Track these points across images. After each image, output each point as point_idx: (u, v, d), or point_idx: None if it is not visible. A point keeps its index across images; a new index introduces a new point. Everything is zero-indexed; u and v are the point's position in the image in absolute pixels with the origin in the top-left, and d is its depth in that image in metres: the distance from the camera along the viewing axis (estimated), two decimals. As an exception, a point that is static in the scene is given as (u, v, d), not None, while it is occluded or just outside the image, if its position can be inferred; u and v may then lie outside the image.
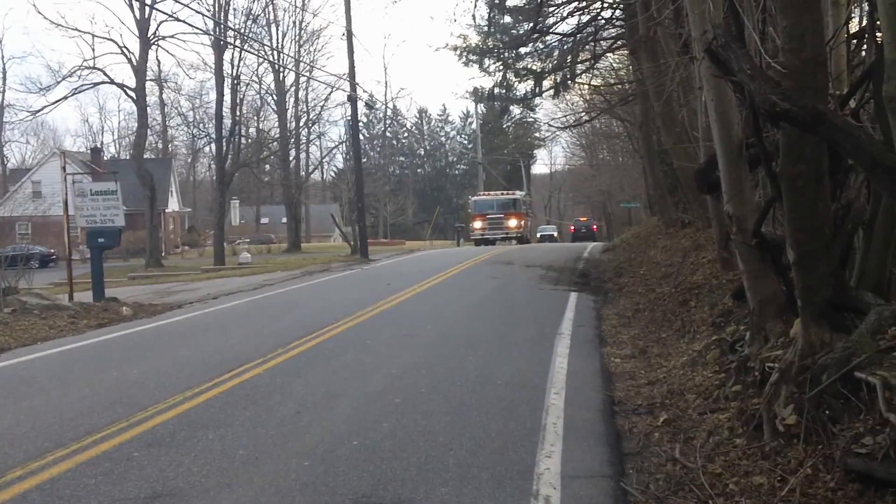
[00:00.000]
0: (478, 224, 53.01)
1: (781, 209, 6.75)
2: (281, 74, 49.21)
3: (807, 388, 5.74)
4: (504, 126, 74.82)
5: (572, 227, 73.66)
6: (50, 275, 36.49)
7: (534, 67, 28.99)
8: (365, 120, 76.60)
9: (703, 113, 12.59)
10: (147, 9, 39.20)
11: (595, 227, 72.43)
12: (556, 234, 73.62)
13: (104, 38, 48.12)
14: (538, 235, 70.93)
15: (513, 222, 52.59)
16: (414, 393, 8.52)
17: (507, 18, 28.92)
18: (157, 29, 41.42)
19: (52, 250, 50.79)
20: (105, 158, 66.66)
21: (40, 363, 11.71)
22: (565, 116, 42.33)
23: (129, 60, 42.54)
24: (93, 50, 41.34)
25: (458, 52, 30.37)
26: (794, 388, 5.93)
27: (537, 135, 69.34)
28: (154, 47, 42.37)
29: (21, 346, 13.40)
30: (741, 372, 7.40)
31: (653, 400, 7.96)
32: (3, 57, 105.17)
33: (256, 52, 44.97)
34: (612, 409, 7.80)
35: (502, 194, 56.37)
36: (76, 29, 45.72)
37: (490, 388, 8.68)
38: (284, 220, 62.27)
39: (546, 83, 29.07)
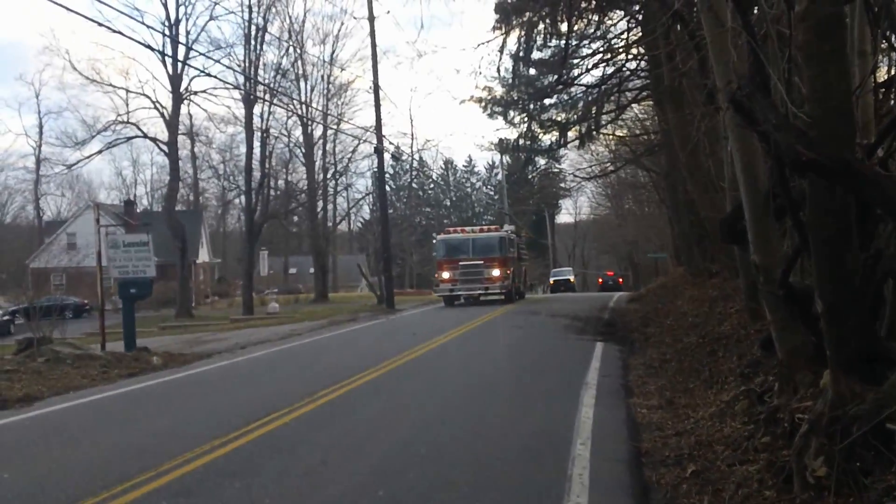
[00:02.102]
0: (445, 274, 35.21)
1: (809, 259, 6.73)
2: (309, 127, 49.85)
3: (837, 440, 5.67)
4: (529, 177, 74.96)
5: (600, 280, 72.98)
6: (83, 325, 36.76)
7: (559, 119, 29.16)
8: (391, 171, 77.26)
9: (728, 163, 12.59)
10: (180, 65, 39.99)
11: (621, 280, 71.77)
12: (572, 278, 67.24)
13: (138, 93, 48.93)
14: (551, 281, 65.67)
15: (496, 271, 34.58)
16: (438, 443, 8.49)
17: (532, 71, 29.17)
18: (189, 84, 42.22)
19: (86, 301, 51.24)
20: (138, 210, 67.55)
21: (72, 412, 11.81)
22: (590, 167, 42.48)
23: (162, 115, 43.36)
24: (127, 105, 42.40)
25: (483, 104, 30.67)
26: (824, 439, 5.86)
27: (562, 185, 69.35)
28: (186, 102, 43.18)
29: (54, 394, 13.51)
30: (770, 423, 7.31)
31: (680, 451, 7.85)
32: (39, 112, 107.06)
33: (285, 106, 45.60)
34: (639, 460, 7.70)
35: (481, 230, 37.91)
36: (111, 84, 46.42)
37: (515, 438, 8.63)
38: (312, 270, 62.56)
39: (571, 134, 29.23)
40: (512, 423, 9.44)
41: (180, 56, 40.35)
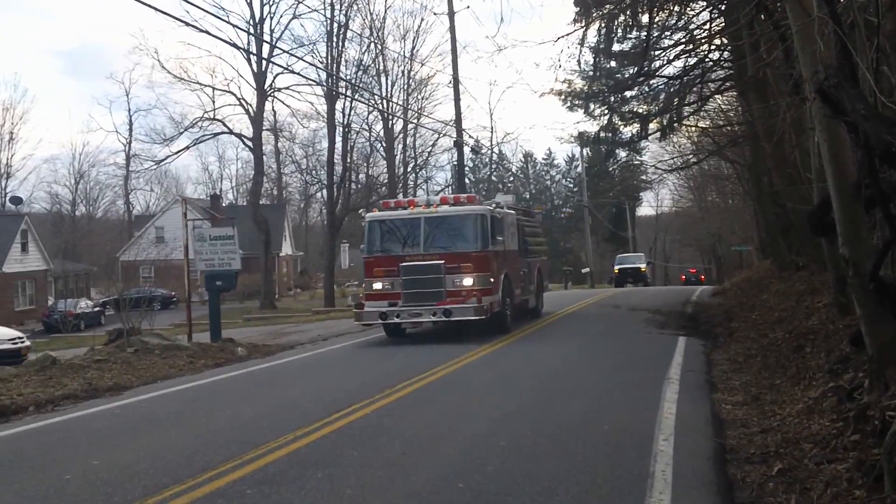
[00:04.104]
0: (377, 285, 19.01)
1: (900, 252, 6.53)
2: (390, 122, 50.20)
3: (930, 439, 5.50)
4: (610, 169, 74.19)
5: (683, 277, 71.58)
6: (171, 316, 37.93)
7: (640, 110, 28.73)
8: (471, 164, 77.13)
9: (815, 154, 12.28)
10: (264, 62, 40.72)
11: (703, 277, 70.23)
12: (643, 266, 55.78)
13: (224, 90, 49.86)
14: (615, 270, 55.57)
15: (467, 279, 18.16)
16: (518, 436, 8.49)
17: (613, 63, 28.86)
18: (273, 81, 42.83)
19: (173, 293, 52.76)
20: (223, 205, 69.21)
21: (160, 401, 12.17)
22: (672, 159, 41.66)
23: (247, 111, 44.25)
24: (213, 102, 43.42)
25: (563, 97, 30.44)
26: (916, 438, 5.69)
27: (643, 177, 68.35)
28: (270, 98, 43.99)
29: (142, 384, 13.95)
30: (860, 421, 7.12)
31: (766, 448, 7.70)
32: (129, 110, 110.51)
33: (367, 102, 45.99)
34: (723, 457, 7.58)
35: (444, 203, 19.66)
36: (198, 82, 47.66)
37: (596, 432, 8.57)
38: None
39: (652, 126, 28.76)
40: (593, 417, 9.38)
41: (265, 54, 41.10)
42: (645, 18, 22.51)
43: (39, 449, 9.08)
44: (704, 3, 22.98)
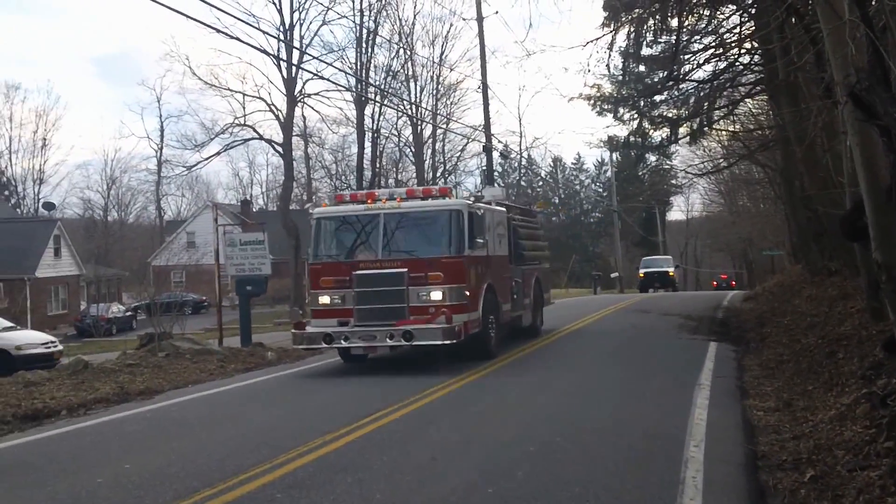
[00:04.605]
0: (325, 298, 15.17)
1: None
2: (419, 127, 50.40)
3: (966, 446, 5.43)
4: (639, 173, 73.88)
5: (715, 283, 70.91)
6: (201, 321, 38.26)
7: (669, 115, 28.53)
8: (500, 169, 77.33)
9: (847, 158, 12.16)
10: (294, 68, 40.98)
11: (734, 283, 69.53)
12: (671, 271, 52.18)
13: (254, 96, 50.34)
14: (640, 273, 51.76)
15: (436, 292, 14.43)
16: (548, 441, 8.48)
17: (642, 67, 28.68)
18: (302, 87, 43.11)
19: (204, 297, 53.17)
20: (254, 210, 69.74)
21: (191, 405, 12.28)
22: (703, 163, 41.45)
23: (277, 117, 44.50)
24: (243, 108, 43.66)
25: (592, 101, 30.27)
26: (951, 445, 5.62)
27: (674, 181, 67.96)
28: (300, 104, 44.18)
29: (173, 388, 14.08)
30: (893, 427, 7.04)
31: (798, 455, 7.64)
32: (161, 116, 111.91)
33: (396, 107, 46.21)
34: (754, 463, 7.53)
35: (410, 195, 15.71)
36: (228, 89, 48.17)
37: (626, 438, 8.54)
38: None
39: (682, 130, 28.57)
40: (622, 422, 9.35)
41: (294, 60, 41.34)
42: (674, 22, 22.39)
43: (72, 452, 9.19)
44: (734, 7, 22.82)
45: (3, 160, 75.59)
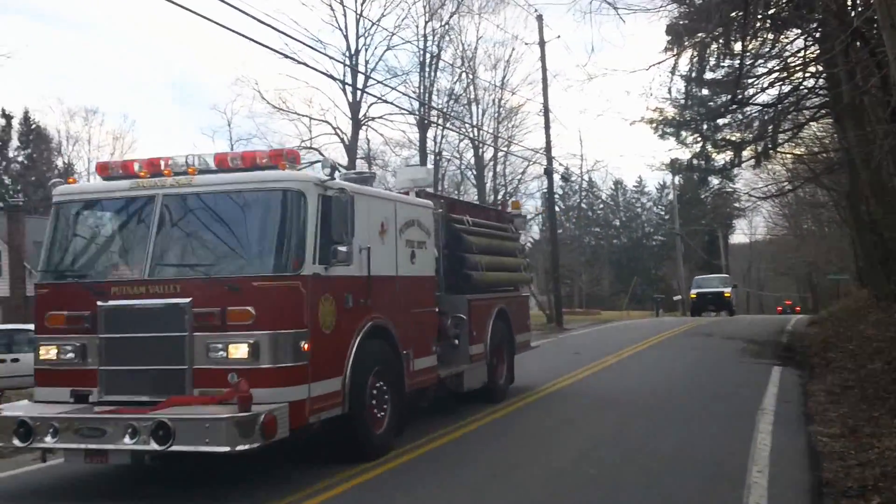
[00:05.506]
0: (49, 348, 8.78)
1: None
2: (480, 150, 50.71)
3: None
4: (702, 196, 73.12)
5: (780, 308, 69.59)
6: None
7: (733, 138, 28.39)
8: (561, 192, 77.15)
9: (915, 183, 12.13)
10: (359, 92, 41.69)
11: (798, 308, 68.06)
12: (728, 291, 45.55)
13: (320, 120, 50.97)
14: (692, 294, 46.69)
15: (239, 346, 8.02)
16: (608, 465, 8.54)
17: (705, 91, 28.59)
18: (367, 111, 43.81)
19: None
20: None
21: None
22: (766, 186, 40.95)
23: (342, 140, 45.21)
24: (310, 131, 44.58)
25: (654, 125, 30.21)
26: None
27: (737, 205, 67.02)
28: (364, 127, 44.87)
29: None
30: (960, 455, 7.04)
31: (864, 482, 7.61)
32: (231, 139, 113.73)
33: (457, 130, 46.63)
34: (819, 490, 7.54)
35: (221, 163, 8.92)
36: (295, 112, 48.82)
37: (687, 462, 8.57)
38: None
39: (746, 153, 28.35)
40: (685, 446, 9.39)
41: (359, 84, 42.05)
42: (738, 47, 22.35)
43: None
44: (799, 32, 22.74)
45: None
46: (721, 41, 22.82)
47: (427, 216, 11.53)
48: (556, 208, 50.26)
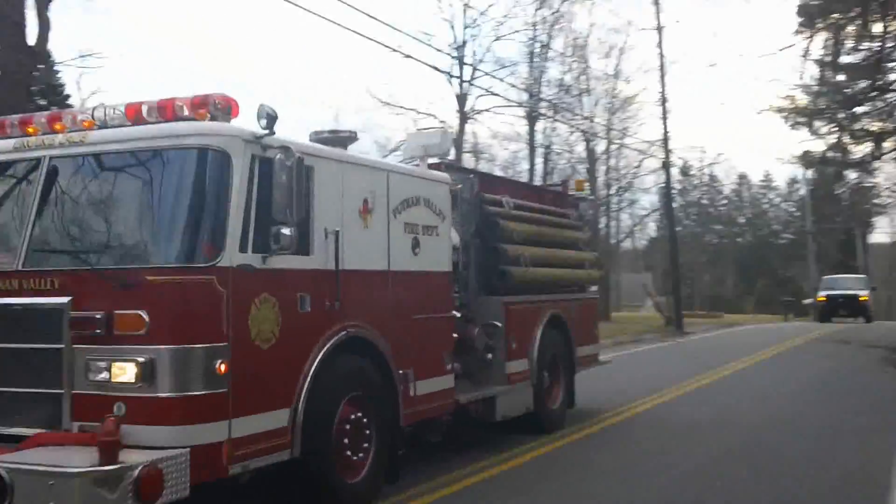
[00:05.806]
0: None
1: None
2: (591, 142, 49.68)
3: None
4: (836, 192, 69.93)
5: None
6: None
7: (872, 128, 26.80)
8: (679, 187, 75.23)
9: None
10: (465, 85, 41.40)
11: None
12: (864, 294, 39.69)
13: (426, 114, 51.05)
14: (820, 296, 41.73)
15: (124, 364, 5.57)
16: (736, 478, 8.09)
17: (840, 76, 27.08)
18: (474, 103, 43.62)
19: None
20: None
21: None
22: (911, 180, 38.60)
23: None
24: (415, 125, 44.51)
25: (784, 113, 28.83)
26: None
27: (876, 201, 63.69)
28: (471, 120, 44.51)
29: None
30: None
31: None
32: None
33: (568, 122, 45.74)
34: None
35: (115, 124, 6.34)
36: (402, 107, 49.09)
37: (823, 479, 8.01)
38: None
39: (887, 145, 26.78)
40: (819, 461, 8.77)
41: (466, 76, 41.78)
42: (877, 28, 21.09)
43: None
44: (947, 9, 21.19)
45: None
46: (858, 22, 21.55)
47: (440, 193, 8.66)
48: (675, 204, 48.76)
